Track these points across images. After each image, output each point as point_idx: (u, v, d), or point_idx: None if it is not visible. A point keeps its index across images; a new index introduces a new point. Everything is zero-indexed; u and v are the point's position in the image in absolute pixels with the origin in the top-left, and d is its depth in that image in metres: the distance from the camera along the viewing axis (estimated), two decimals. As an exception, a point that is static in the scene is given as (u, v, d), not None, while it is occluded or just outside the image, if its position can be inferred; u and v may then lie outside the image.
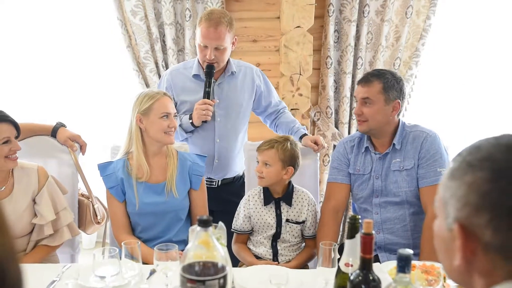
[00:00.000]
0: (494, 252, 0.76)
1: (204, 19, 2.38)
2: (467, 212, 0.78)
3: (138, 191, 2.17)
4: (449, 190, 0.82)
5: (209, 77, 2.45)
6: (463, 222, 0.79)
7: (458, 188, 0.80)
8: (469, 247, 0.78)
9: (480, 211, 0.76)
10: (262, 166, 2.18)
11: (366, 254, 1.30)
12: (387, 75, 2.20)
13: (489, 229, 0.75)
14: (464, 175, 0.80)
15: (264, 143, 2.21)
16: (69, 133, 2.44)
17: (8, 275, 0.64)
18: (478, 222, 0.77)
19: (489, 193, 0.76)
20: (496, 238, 0.75)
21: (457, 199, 0.80)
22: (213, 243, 1.24)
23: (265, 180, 2.19)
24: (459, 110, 3.75)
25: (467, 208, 0.78)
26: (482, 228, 0.76)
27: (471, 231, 0.78)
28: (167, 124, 2.16)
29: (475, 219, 0.77)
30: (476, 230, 0.77)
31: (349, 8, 3.30)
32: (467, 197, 0.78)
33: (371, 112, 2.20)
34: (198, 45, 2.44)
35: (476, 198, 0.77)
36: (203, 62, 2.45)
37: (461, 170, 0.81)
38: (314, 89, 3.48)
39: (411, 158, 2.19)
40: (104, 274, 1.60)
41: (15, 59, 3.58)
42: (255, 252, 2.24)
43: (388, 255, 2.21)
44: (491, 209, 0.75)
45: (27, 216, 2.12)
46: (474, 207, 0.77)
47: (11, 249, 0.67)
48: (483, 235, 0.76)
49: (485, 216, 0.76)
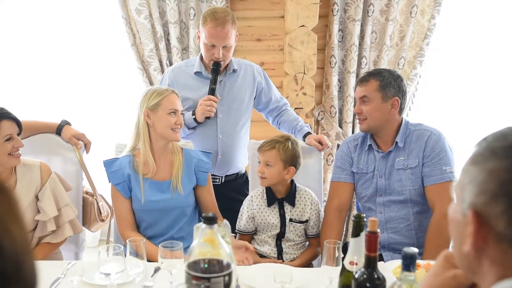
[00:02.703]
0: (507, 243, 0.75)
1: (210, 19, 2.39)
2: (484, 199, 0.77)
3: (144, 188, 2.17)
4: (469, 175, 0.81)
5: (215, 74, 2.46)
6: (478, 208, 0.77)
7: (478, 173, 0.79)
8: (481, 234, 0.77)
9: (496, 200, 0.75)
10: (263, 167, 2.18)
11: (371, 253, 1.30)
12: (383, 73, 2.22)
13: (503, 219, 0.74)
14: (486, 161, 0.78)
15: (265, 143, 2.21)
16: (74, 131, 2.45)
17: (23, 270, 0.65)
18: (493, 211, 0.75)
19: (508, 183, 0.74)
20: (509, 229, 0.74)
21: (476, 185, 0.79)
22: (218, 241, 1.24)
23: (267, 181, 2.19)
24: (463, 109, 3.74)
25: (484, 195, 0.77)
26: (496, 217, 0.75)
27: (485, 218, 0.76)
28: (175, 120, 2.17)
29: (491, 207, 0.76)
30: (490, 219, 0.76)
31: (354, 7, 3.30)
32: (486, 184, 0.77)
33: (369, 110, 2.21)
34: (204, 44, 2.44)
35: (495, 186, 0.76)
36: (210, 60, 2.46)
37: (484, 156, 0.79)
38: (318, 88, 3.48)
39: (415, 156, 2.19)
40: (109, 271, 1.60)
41: (21, 57, 3.59)
42: (259, 251, 2.24)
43: (392, 255, 2.20)
44: (508, 199, 0.74)
45: (30, 213, 2.13)
46: (491, 195, 0.76)
47: (27, 244, 0.67)
48: (496, 224, 0.75)
49: (501, 206, 0.74)
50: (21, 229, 0.67)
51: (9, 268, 0.63)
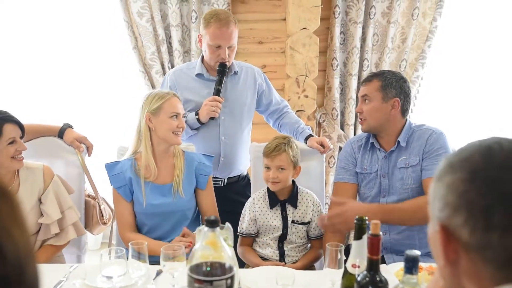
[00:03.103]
0: (474, 253, 0.77)
1: (214, 20, 2.39)
2: (447, 212, 0.79)
3: (145, 191, 2.18)
4: (434, 192, 0.84)
5: (221, 75, 2.48)
6: (444, 222, 0.80)
7: (440, 188, 0.82)
8: (450, 247, 0.79)
9: (457, 211, 0.78)
10: (276, 172, 2.18)
11: (373, 255, 1.30)
12: (386, 74, 2.23)
13: (466, 229, 0.76)
14: (445, 176, 0.81)
15: (272, 148, 2.18)
16: (76, 134, 2.45)
17: (26, 274, 0.65)
18: (456, 222, 0.78)
19: (466, 193, 0.77)
20: (473, 238, 0.76)
21: (439, 200, 0.82)
22: (220, 244, 1.24)
23: (281, 184, 2.20)
24: (465, 111, 3.74)
25: (447, 209, 0.79)
26: (460, 227, 0.77)
27: (451, 231, 0.79)
28: (176, 124, 2.17)
29: (454, 219, 0.78)
30: (455, 230, 0.78)
31: (355, 9, 3.30)
32: (447, 197, 0.80)
33: (369, 109, 2.22)
34: (209, 46, 2.44)
35: (454, 198, 0.78)
36: (216, 62, 2.47)
37: (443, 171, 0.83)
38: (320, 91, 3.48)
39: (416, 154, 2.19)
40: (111, 275, 1.60)
41: (23, 60, 3.60)
42: (261, 253, 2.24)
43: (394, 257, 2.20)
44: (467, 208, 0.76)
45: (33, 216, 2.13)
46: (452, 207, 0.78)
47: (30, 247, 0.67)
48: (461, 234, 0.77)
49: (462, 216, 0.77)
50: (24, 233, 0.67)
51: (11, 272, 0.63)
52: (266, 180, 2.21)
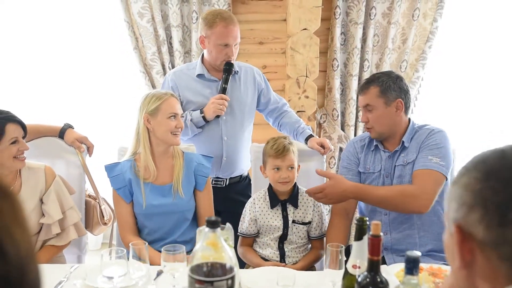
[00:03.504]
0: (489, 250, 0.78)
1: (219, 20, 2.41)
2: (463, 211, 0.82)
3: (145, 192, 2.18)
4: (450, 195, 0.87)
5: (228, 74, 2.49)
6: (460, 222, 0.82)
7: (456, 190, 0.85)
8: (466, 246, 0.81)
9: (473, 209, 0.80)
10: (287, 171, 2.18)
11: (374, 256, 1.30)
12: (381, 78, 2.21)
13: (482, 225, 0.79)
14: (460, 178, 0.85)
15: (281, 148, 2.17)
16: (77, 135, 2.45)
17: (27, 274, 0.65)
18: (471, 220, 0.80)
19: (481, 191, 0.80)
20: (488, 234, 0.78)
21: (455, 201, 0.84)
22: (221, 244, 1.24)
23: (290, 183, 2.21)
24: (466, 112, 3.74)
25: (463, 208, 0.82)
26: (475, 225, 0.80)
27: (466, 230, 0.81)
28: (175, 124, 2.17)
29: (469, 218, 0.81)
30: (471, 229, 0.80)
31: (356, 10, 3.30)
32: (463, 197, 0.82)
33: (374, 117, 2.21)
34: (216, 46, 2.44)
35: (470, 197, 0.81)
36: (222, 61, 2.48)
37: (459, 175, 0.86)
38: (321, 91, 3.48)
39: (414, 152, 2.19)
40: (111, 275, 1.60)
41: (24, 61, 3.61)
42: (261, 254, 2.24)
43: (395, 257, 2.20)
44: (483, 205, 0.79)
45: (35, 216, 2.13)
46: (468, 206, 0.81)
47: (31, 248, 0.67)
48: (477, 232, 0.79)
49: (478, 213, 0.79)
50: (25, 233, 0.67)
51: (13, 273, 0.63)
52: (276, 181, 2.19)
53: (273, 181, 2.21)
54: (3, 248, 0.62)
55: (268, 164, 2.22)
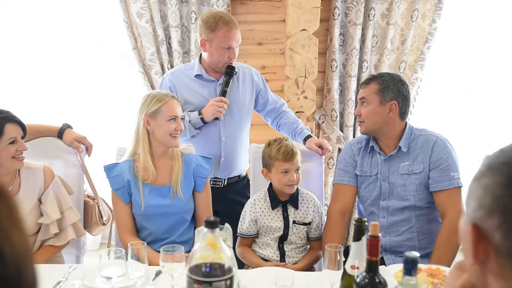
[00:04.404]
0: (504, 257, 0.76)
1: (222, 23, 2.41)
2: (481, 213, 0.79)
3: (144, 193, 2.17)
4: (470, 190, 0.84)
5: (229, 77, 2.51)
6: (477, 222, 0.80)
7: (476, 189, 0.81)
8: (481, 247, 0.79)
9: (492, 214, 0.77)
10: (295, 174, 2.19)
11: (372, 257, 1.30)
12: (384, 77, 2.23)
13: (499, 233, 0.76)
14: (482, 177, 0.81)
15: (289, 151, 2.17)
16: (75, 135, 2.45)
17: (24, 275, 0.65)
18: (489, 225, 0.77)
19: (502, 198, 0.76)
20: (505, 242, 0.75)
21: (474, 200, 0.81)
22: (219, 245, 1.24)
23: (297, 185, 2.22)
24: (464, 113, 3.75)
25: (481, 210, 0.79)
26: (493, 231, 0.77)
27: (483, 232, 0.79)
28: (174, 127, 2.17)
29: (487, 222, 0.78)
30: (487, 232, 0.78)
31: (355, 11, 3.31)
32: (482, 199, 0.79)
33: (366, 112, 2.23)
34: (219, 49, 2.44)
35: (490, 201, 0.78)
36: (224, 64, 2.48)
37: (482, 172, 0.82)
38: (319, 92, 3.49)
39: (421, 162, 2.18)
40: (110, 275, 1.60)
41: (22, 61, 3.61)
42: (261, 254, 2.24)
43: (394, 258, 2.20)
44: (503, 213, 0.76)
45: (33, 216, 2.13)
46: (487, 209, 0.78)
47: (28, 248, 0.67)
48: (493, 237, 0.77)
49: (497, 220, 0.76)
50: (22, 234, 0.67)
51: (9, 274, 0.62)
52: (284, 184, 2.18)
53: (281, 184, 2.19)
54: (0, 249, 0.62)
55: (275, 168, 2.20)
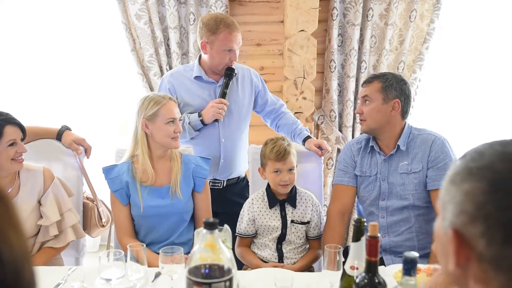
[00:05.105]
0: (487, 263, 0.74)
1: (224, 26, 2.42)
2: (463, 219, 0.77)
3: (143, 195, 2.17)
4: (448, 194, 0.81)
5: (229, 79, 2.51)
6: (458, 228, 0.77)
7: (456, 194, 0.79)
8: (463, 254, 0.77)
9: (475, 221, 0.75)
10: (288, 174, 2.18)
11: (371, 257, 1.30)
12: (387, 76, 2.25)
13: (483, 240, 0.74)
14: (462, 182, 0.78)
15: (282, 151, 2.17)
16: (74, 137, 2.45)
17: (22, 277, 0.64)
18: (472, 232, 0.75)
19: (485, 205, 0.74)
20: (489, 250, 0.74)
21: (454, 205, 0.78)
22: (219, 246, 1.24)
23: (290, 185, 2.21)
24: (463, 113, 3.75)
25: (463, 216, 0.77)
26: (476, 238, 0.75)
27: (465, 238, 0.76)
28: (173, 129, 2.17)
29: (470, 228, 0.76)
30: (470, 239, 0.76)
31: (353, 12, 3.31)
32: (464, 205, 0.76)
33: (369, 110, 2.23)
34: (220, 51, 2.45)
35: (472, 208, 0.75)
36: (224, 66, 2.49)
37: (461, 176, 0.79)
38: (318, 93, 3.49)
39: (419, 161, 2.19)
40: (109, 277, 1.60)
41: (22, 62, 3.60)
42: (260, 255, 2.24)
43: (393, 258, 2.21)
44: (485, 220, 0.74)
45: (33, 218, 2.13)
46: (469, 216, 0.76)
47: (26, 250, 0.67)
48: (476, 245, 0.75)
49: (480, 227, 0.74)
50: (20, 236, 0.66)
51: (8, 276, 0.62)
52: (277, 184, 2.19)
53: (274, 184, 2.21)
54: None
55: (268, 167, 2.21)
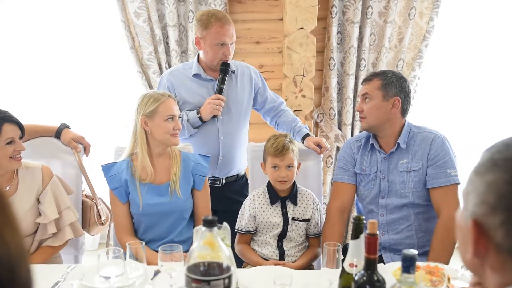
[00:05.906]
0: (505, 253, 0.76)
1: (215, 20, 2.42)
2: (483, 210, 0.78)
3: (142, 192, 2.17)
4: (472, 185, 0.82)
5: (224, 74, 2.50)
6: (478, 218, 0.78)
7: (479, 184, 0.80)
8: (481, 243, 0.78)
9: (495, 212, 0.76)
10: (286, 170, 2.19)
11: (370, 255, 1.30)
12: (387, 73, 2.25)
13: (501, 231, 0.75)
14: (486, 173, 0.79)
15: (281, 147, 2.17)
16: (73, 134, 2.45)
17: (18, 275, 0.64)
18: (492, 222, 0.76)
19: (506, 195, 0.75)
20: (507, 240, 0.75)
21: (476, 195, 0.80)
22: (218, 244, 1.24)
23: (288, 182, 2.21)
24: (462, 111, 3.75)
25: (484, 206, 0.78)
26: (495, 228, 0.76)
27: (484, 228, 0.78)
28: (172, 126, 2.17)
29: (490, 219, 0.77)
30: (489, 229, 0.77)
31: (352, 9, 3.31)
32: (485, 195, 0.77)
33: (369, 108, 2.23)
34: (212, 46, 2.45)
35: (494, 199, 0.76)
36: (219, 61, 2.48)
37: (485, 167, 0.80)
38: (317, 91, 3.49)
39: (419, 159, 2.19)
40: (108, 275, 1.60)
41: (21, 60, 3.61)
42: (260, 253, 2.24)
43: (392, 256, 2.21)
44: (506, 211, 0.75)
45: (31, 216, 2.13)
46: (490, 206, 0.77)
47: (22, 248, 0.66)
48: (495, 235, 0.76)
49: (500, 218, 0.75)
50: (15, 233, 0.66)
51: (3, 274, 0.62)
52: (275, 180, 2.20)
53: (272, 179, 2.22)
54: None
55: (268, 162, 2.23)
